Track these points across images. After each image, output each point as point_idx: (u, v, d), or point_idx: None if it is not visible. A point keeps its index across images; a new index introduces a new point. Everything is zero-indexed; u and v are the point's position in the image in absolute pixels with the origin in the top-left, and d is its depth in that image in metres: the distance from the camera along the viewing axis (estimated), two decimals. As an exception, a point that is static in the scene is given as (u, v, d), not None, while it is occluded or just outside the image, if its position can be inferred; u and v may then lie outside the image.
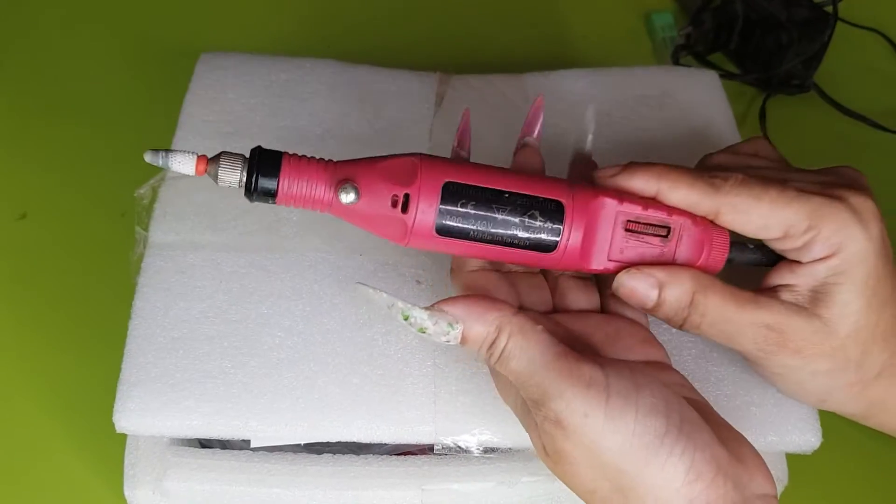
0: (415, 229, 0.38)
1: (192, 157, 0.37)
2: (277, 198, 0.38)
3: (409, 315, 0.37)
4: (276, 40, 0.76)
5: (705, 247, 0.40)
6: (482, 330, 0.37)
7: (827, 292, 0.39)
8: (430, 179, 0.38)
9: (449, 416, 0.44)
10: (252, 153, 0.38)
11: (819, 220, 0.38)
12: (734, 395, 0.45)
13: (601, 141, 0.57)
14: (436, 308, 0.37)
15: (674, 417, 0.36)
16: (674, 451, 0.35)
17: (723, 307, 0.40)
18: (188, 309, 0.47)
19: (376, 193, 0.38)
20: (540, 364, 0.36)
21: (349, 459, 0.45)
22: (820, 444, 0.45)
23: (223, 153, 0.38)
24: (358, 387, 0.45)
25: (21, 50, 0.74)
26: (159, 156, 0.37)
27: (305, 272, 0.48)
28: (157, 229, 0.50)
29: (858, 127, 0.71)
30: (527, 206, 0.38)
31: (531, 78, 0.60)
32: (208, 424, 0.44)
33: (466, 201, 0.38)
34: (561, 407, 0.35)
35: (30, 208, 0.64)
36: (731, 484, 0.36)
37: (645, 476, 0.35)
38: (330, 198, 0.38)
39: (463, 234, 0.38)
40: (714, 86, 0.60)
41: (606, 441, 0.35)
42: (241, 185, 0.38)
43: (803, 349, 0.40)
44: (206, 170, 0.37)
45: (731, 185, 0.39)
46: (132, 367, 0.45)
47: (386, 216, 0.38)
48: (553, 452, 0.36)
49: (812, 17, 0.72)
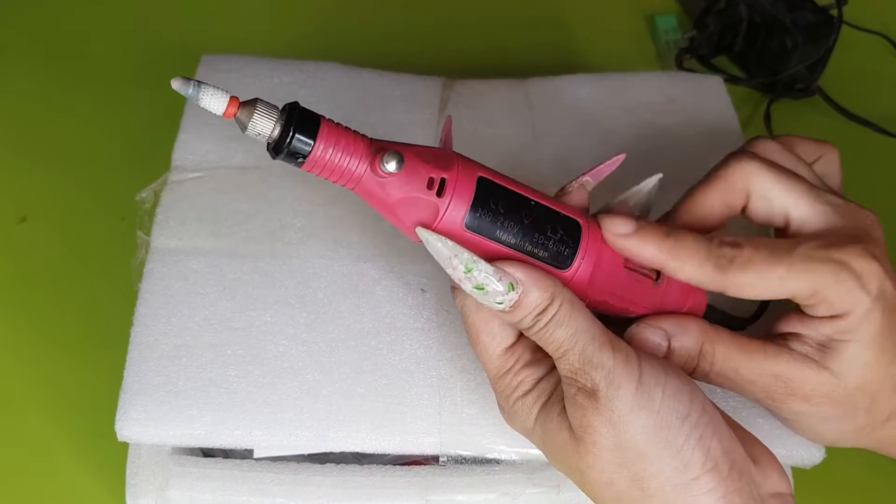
0: (446, 217, 0.37)
1: (225, 96, 0.35)
2: (307, 160, 0.36)
3: (473, 269, 0.36)
4: (278, 43, 0.75)
5: (689, 296, 0.41)
6: (538, 296, 0.37)
7: (835, 347, 0.40)
8: (467, 171, 0.37)
9: (454, 427, 0.44)
10: (289, 108, 0.36)
11: (825, 290, 0.39)
12: (740, 408, 0.45)
13: (605, 147, 0.57)
14: (499, 267, 0.37)
15: (696, 404, 0.37)
16: (692, 436, 0.36)
17: (731, 358, 0.40)
18: (191, 316, 0.47)
19: (415, 170, 0.36)
20: (586, 334, 0.37)
21: (352, 469, 0.45)
22: (823, 458, 0.45)
23: (259, 99, 0.35)
24: (362, 397, 0.44)
25: (21, 52, 0.73)
26: (190, 85, 0.34)
27: (309, 279, 0.48)
28: (160, 234, 0.50)
29: (863, 132, 0.71)
30: (550, 218, 0.38)
31: (534, 83, 0.60)
32: (212, 434, 0.43)
33: (498, 199, 0.37)
34: (599, 376, 0.36)
35: (30, 211, 0.63)
36: (746, 479, 0.36)
37: (664, 461, 0.36)
38: (362, 171, 0.36)
39: (489, 232, 0.37)
40: (719, 91, 0.60)
41: (633, 417, 0.36)
42: (270, 138, 0.35)
43: (812, 397, 0.40)
44: (236, 114, 0.35)
45: (737, 265, 0.39)
46: (134, 375, 0.45)
47: (418, 198, 0.36)
48: (579, 427, 0.37)
49: (817, 21, 0.71)
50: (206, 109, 0.35)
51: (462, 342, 0.46)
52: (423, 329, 0.47)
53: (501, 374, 0.40)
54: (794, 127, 0.71)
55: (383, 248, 0.50)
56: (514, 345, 0.40)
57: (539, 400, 0.39)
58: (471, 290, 0.37)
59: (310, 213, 0.51)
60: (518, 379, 0.39)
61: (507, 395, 0.40)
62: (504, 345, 0.39)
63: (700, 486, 0.36)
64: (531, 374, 0.39)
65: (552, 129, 0.57)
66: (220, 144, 0.54)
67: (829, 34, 0.70)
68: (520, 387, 0.39)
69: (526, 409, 0.39)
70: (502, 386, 0.40)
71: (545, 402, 0.39)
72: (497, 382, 0.40)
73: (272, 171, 0.53)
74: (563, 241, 0.38)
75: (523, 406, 0.39)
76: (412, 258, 0.49)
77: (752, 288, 0.39)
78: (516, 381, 0.39)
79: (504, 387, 0.40)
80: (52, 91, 0.71)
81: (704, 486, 0.36)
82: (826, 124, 0.72)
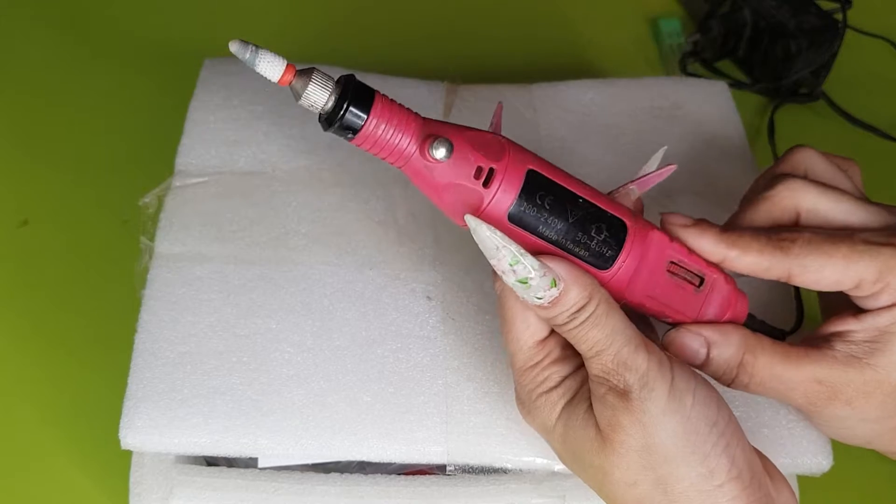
0: (490, 208, 0.36)
1: (282, 63, 0.34)
2: (358, 135, 0.35)
3: (519, 261, 0.36)
4: (282, 46, 0.73)
5: (730, 307, 0.41)
6: (577, 293, 0.37)
7: (885, 341, 0.40)
8: (517, 162, 0.37)
9: (460, 437, 0.44)
10: (345, 80, 0.35)
11: (889, 273, 0.39)
12: (746, 417, 0.45)
13: (610, 153, 0.57)
14: (545, 263, 0.37)
15: (723, 412, 0.37)
16: (719, 443, 0.36)
17: (772, 367, 0.40)
18: (196, 323, 0.46)
19: (465, 159, 0.36)
20: (621, 336, 0.37)
21: (357, 479, 0.44)
22: (831, 465, 0.45)
23: (315, 69, 0.35)
24: (369, 405, 0.44)
25: (23, 54, 0.73)
26: (248, 49, 0.34)
27: (314, 286, 0.48)
28: (163, 240, 0.50)
29: (867, 137, 0.71)
30: (596, 216, 0.38)
31: (539, 88, 0.59)
32: (217, 442, 0.43)
33: (545, 194, 0.37)
34: (633, 378, 0.36)
35: (32, 215, 0.63)
36: (765, 491, 0.37)
37: (690, 466, 0.36)
38: (412, 151, 0.36)
39: (532, 227, 0.37)
40: (724, 96, 0.60)
41: (664, 420, 0.36)
42: (324, 109, 0.35)
43: (854, 400, 0.41)
44: (292, 82, 0.35)
45: (799, 246, 0.40)
46: (139, 383, 0.44)
47: (464, 186, 0.36)
48: (607, 426, 0.37)
49: (821, 25, 0.71)
50: (261, 75, 0.35)
51: (468, 350, 0.46)
52: (429, 337, 0.47)
53: (529, 366, 0.39)
54: (799, 132, 0.71)
55: (388, 254, 0.49)
56: (545, 339, 0.39)
57: (564, 397, 0.39)
58: (513, 283, 0.37)
59: (315, 219, 0.51)
60: (545, 374, 0.39)
61: (532, 389, 0.39)
62: (536, 337, 0.39)
63: (724, 494, 0.36)
64: (559, 371, 0.39)
65: (557, 135, 0.57)
66: (224, 149, 0.54)
67: (833, 39, 0.70)
68: (546, 382, 0.39)
69: (550, 405, 0.39)
70: (527, 379, 0.39)
71: (570, 399, 0.39)
72: (523, 375, 0.40)
73: (276, 177, 0.52)
74: (606, 241, 0.38)
75: (547, 402, 0.39)
76: (418, 265, 0.49)
77: (817, 270, 0.39)
78: (543, 376, 0.39)
79: (529, 380, 0.39)
80: (53, 94, 0.70)
81: (728, 494, 0.36)
82: (830, 129, 0.72)
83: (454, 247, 0.50)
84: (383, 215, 0.51)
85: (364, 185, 0.52)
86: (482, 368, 0.46)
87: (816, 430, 0.45)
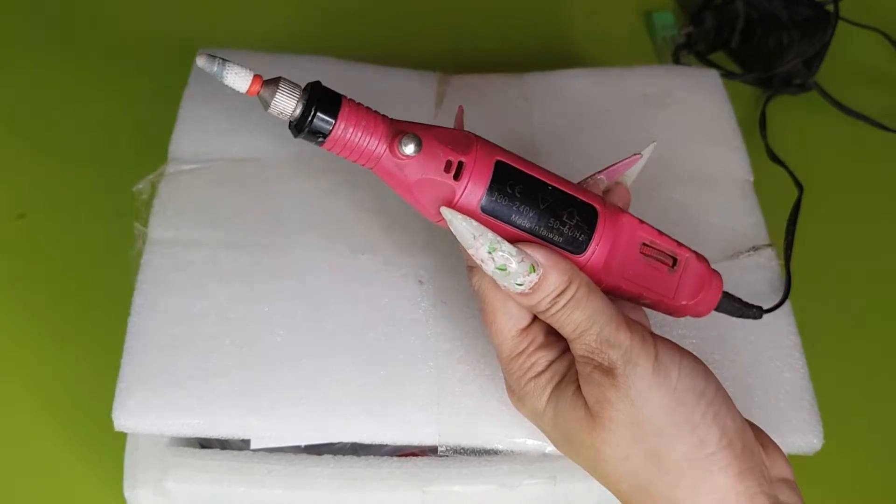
0: (462, 200, 0.37)
1: (249, 74, 0.35)
2: (328, 140, 0.36)
3: (497, 249, 0.37)
4: (274, 37, 0.75)
5: (704, 285, 0.41)
6: (556, 277, 0.37)
7: None
8: (485, 154, 0.37)
9: (452, 418, 0.44)
10: (311, 87, 0.36)
11: None
12: (736, 397, 0.44)
13: (603, 141, 0.57)
14: (521, 249, 0.37)
15: (711, 383, 0.38)
16: (708, 413, 0.36)
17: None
18: (188, 306, 0.47)
19: (433, 153, 0.37)
20: (603, 315, 0.37)
21: (350, 461, 0.45)
22: (822, 445, 0.45)
23: (282, 78, 0.36)
24: (361, 387, 0.44)
25: (18, 47, 0.73)
26: (215, 63, 0.35)
27: (306, 271, 0.48)
28: (157, 225, 0.50)
29: (860, 127, 0.71)
30: (566, 203, 0.38)
31: (532, 77, 0.60)
32: (210, 424, 0.43)
33: (514, 183, 0.37)
34: (617, 355, 0.37)
35: (28, 208, 0.63)
36: (757, 460, 0.37)
37: (680, 437, 0.36)
38: (381, 151, 0.37)
39: (505, 216, 0.37)
40: (715, 85, 0.60)
41: (651, 393, 0.36)
42: (292, 116, 0.36)
43: None
44: (260, 92, 0.36)
45: None
46: (132, 365, 0.45)
47: (435, 180, 0.37)
48: (596, 403, 0.37)
49: (813, 17, 0.71)
50: (229, 87, 0.36)
51: (459, 334, 0.46)
52: (420, 320, 0.47)
53: (515, 354, 0.40)
54: (791, 123, 0.71)
55: (380, 240, 0.50)
56: (528, 327, 0.40)
57: (552, 381, 0.39)
58: (492, 271, 0.37)
59: (307, 205, 0.51)
60: (532, 360, 0.39)
61: (520, 376, 0.40)
62: (519, 326, 0.39)
63: (716, 462, 0.36)
64: (545, 356, 0.39)
65: (549, 124, 0.57)
66: (217, 136, 0.54)
67: (825, 30, 0.70)
68: (533, 367, 0.39)
69: (538, 389, 0.39)
70: (515, 367, 0.40)
71: (558, 382, 0.39)
72: (510, 364, 0.40)
73: (269, 164, 0.53)
74: (578, 226, 0.38)
75: (535, 387, 0.39)
76: (409, 250, 0.49)
77: None
78: (530, 363, 0.39)
79: (517, 368, 0.40)
80: (48, 87, 0.71)
81: (720, 462, 0.36)
82: (823, 120, 0.72)
83: (445, 231, 0.50)
84: (375, 201, 0.51)
85: (355, 171, 0.52)
86: (473, 351, 0.46)
87: (807, 408, 0.45)
